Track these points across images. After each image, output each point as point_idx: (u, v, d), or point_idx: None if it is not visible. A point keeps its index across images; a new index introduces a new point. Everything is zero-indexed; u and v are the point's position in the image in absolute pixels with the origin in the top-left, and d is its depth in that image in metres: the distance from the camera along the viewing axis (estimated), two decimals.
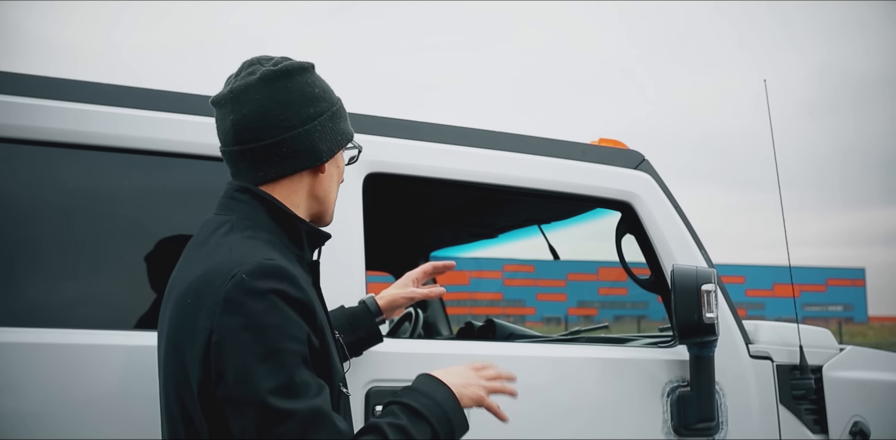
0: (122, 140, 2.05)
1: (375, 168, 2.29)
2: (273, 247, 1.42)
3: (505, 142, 2.49)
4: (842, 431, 2.61)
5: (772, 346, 2.57)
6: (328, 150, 1.51)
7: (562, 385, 2.31)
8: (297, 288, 1.35)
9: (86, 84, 2.07)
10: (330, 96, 1.54)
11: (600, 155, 2.60)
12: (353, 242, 2.22)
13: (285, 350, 1.29)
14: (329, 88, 1.55)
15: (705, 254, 2.59)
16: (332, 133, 1.51)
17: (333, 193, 1.58)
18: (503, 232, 3.69)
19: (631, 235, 2.62)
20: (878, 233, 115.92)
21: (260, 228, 1.45)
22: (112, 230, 2.04)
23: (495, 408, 1.58)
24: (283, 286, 1.32)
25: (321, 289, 1.56)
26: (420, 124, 2.41)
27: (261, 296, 1.30)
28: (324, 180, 1.53)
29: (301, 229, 1.49)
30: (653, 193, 2.59)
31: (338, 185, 1.60)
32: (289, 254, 1.45)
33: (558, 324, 43.17)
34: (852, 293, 64.57)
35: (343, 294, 2.16)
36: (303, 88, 1.48)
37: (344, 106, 1.59)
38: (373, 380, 2.12)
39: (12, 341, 1.82)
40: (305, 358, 1.33)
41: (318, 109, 1.49)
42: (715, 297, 2.29)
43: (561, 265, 50.03)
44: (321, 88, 1.52)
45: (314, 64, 1.55)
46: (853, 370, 2.73)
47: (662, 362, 2.41)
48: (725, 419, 2.42)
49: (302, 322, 1.34)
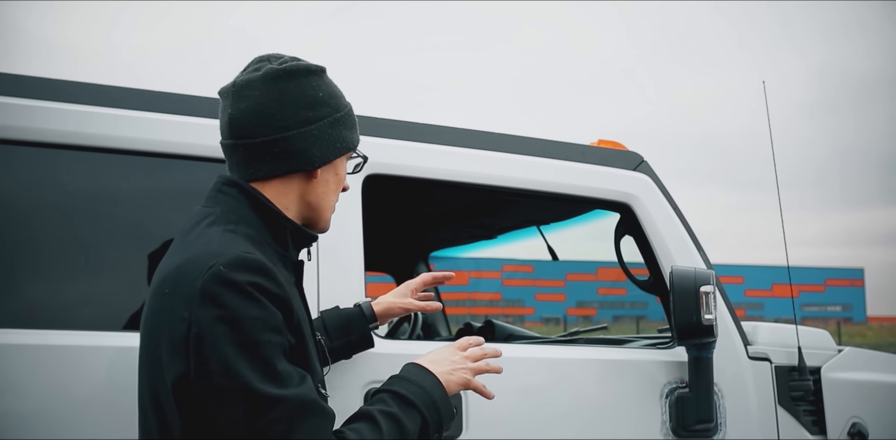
0: (123, 142, 2.05)
1: (375, 169, 2.30)
2: (253, 242, 1.41)
3: (504, 143, 2.50)
4: (840, 432, 2.62)
5: (770, 348, 2.58)
6: (322, 156, 1.49)
7: (561, 386, 2.32)
8: (275, 283, 1.34)
9: (86, 85, 2.08)
10: (336, 102, 1.51)
11: (599, 156, 2.61)
12: (353, 243, 2.22)
13: (265, 341, 1.29)
14: (337, 94, 1.53)
15: (704, 255, 2.60)
16: (330, 139, 1.49)
17: (328, 201, 1.55)
18: (502, 233, 3.70)
19: (630, 237, 2.63)
20: (878, 234, 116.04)
21: (243, 223, 1.44)
22: (112, 232, 2.04)
23: (481, 387, 1.63)
24: (261, 280, 1.32)
25: (303, 289, 1.55)
26: (420, 126, 2.42)
27: (238, 288, 1.29)
28: (317, 186, 1.52)
29: (285, 227, 1.48)
30: (652, 195, 2.59)
31: (336, 193, 1.57)
32: (270, 251, 1.44)
33: (557, 325, 43.17)
34: (851, 293, 64.60)
35: (342, 295, 2.17)
36: (304, 91, 1.47)
37: (353, 114, 1.56)
38: (372, 381, 2.12)
39: (12, 343, 1.82)
40: (285, 349, 1.34)
41: (319, 113, 1.48)
42: (714, 299, 2.30)
43: (560, 265, 50.03)
44: (326, 93, 1.50)
45: (325, 68, 1.53)
46: (851, 371, 2.73)
47: (661, 363, 2.42)
48: (724, 420, 2.43)
49: (280, 315, 1.34)
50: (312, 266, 2.15)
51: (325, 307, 2.12)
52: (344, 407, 2.08)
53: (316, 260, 2.16)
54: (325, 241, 2.19)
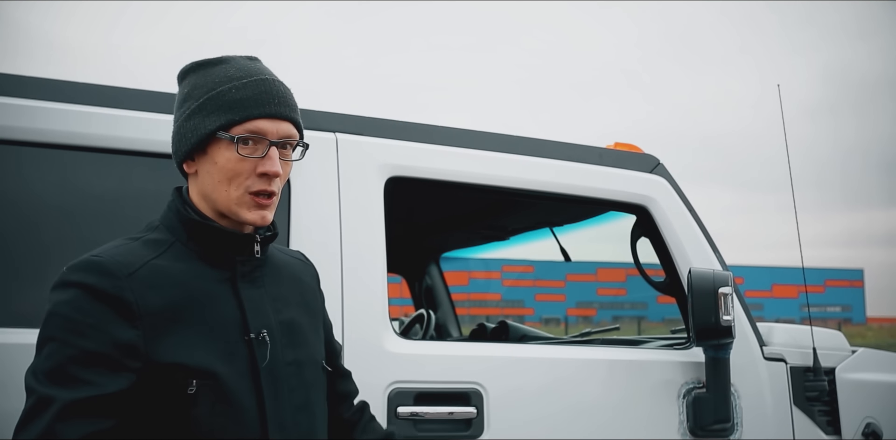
0: (123, 142, 2.07)
1: (396, 172, 2.32)
2: (152, 246, 1.41)
3: (523, 146, 2.52)
4: (854, 433, 2.64)
5: (785, 348, 2.60)
6: (178, 150, 1.46)
7: (580, 386, 2.34)
8: (110, 282, 1.32)
9: (86, 86, 2.09)
10: (198, 92, 1.44)
11: (616, 159, 2.63)
12: (376, 246, 2.24)
13: (60, 340, 1.30)
14: (203, 83, 1.44)
15: (720, 256, 2.62)
16: (185, 131, 1.44)
17: (219, 191, 1.42)
18: (515, 234, 3.72)
19: (646, 238, 2.65)
20: (878, 235, 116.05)
21: (163, 228, 1.46)
22: (112, 231, 2.04)
23: None
24: (92, 280, 1.32)
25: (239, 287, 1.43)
26: (440, 128, 2.44)
27: (63, 287, 1.33)
28: (202, 179, 1.44)
29: (196, 227, 1.43)
30: (668, 197, 2.62)
31: (227, 182, 1.41)
32: (183, 252, 1.42)
33: (557, 325, 43.17)
34: (851, 294, 64.58)
35: (366, 295, 2.19)
36: (180, 91, 1.49)
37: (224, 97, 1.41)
38: (394, 381, 2.15)
39: (13, 342, 1.83)
40: (89, 354, 1.29)
41: (181, 110, 1.46)
42: (731, 300, 2.32)
43: (560, 266, 50.01)
44: (193, 85, 1.46)
45: (204, 61, 1.48)
46: (866, 372, 2.75)
47: (678, 364, 2.44)
48: (740, 420, 2.45)
49: (110, 315, 1.31)
50: (335, 268, 2.17)
51: (349, 309, 2.14)
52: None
53: (339, 261, 2.18)
54: (349, 243, 2.22)
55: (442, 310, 4.24)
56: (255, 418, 1.38)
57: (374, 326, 2.18)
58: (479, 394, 2.21)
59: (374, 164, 2.29)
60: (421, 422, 2.16)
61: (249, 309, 1.43)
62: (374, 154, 2.30)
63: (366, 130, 2.33)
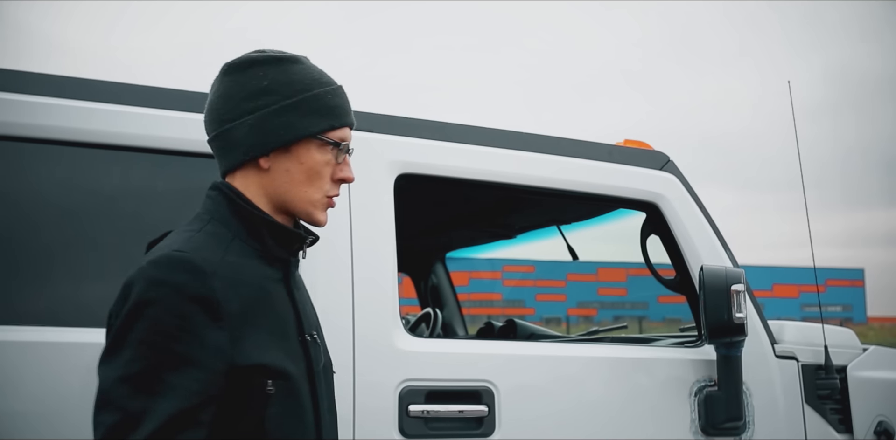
0: (126, 138, 2.05)
1: (406, 169, 2.31)
2: (218, 240, 1.36)
3: (533, 143, 2.51)
4: (866, 431, 2.63)
5: (797, 346, 2.59)
6: (258, 145, 1.39)
7: (591, 384, 2.33)
8: (200, 281, 1.28)
9: (88, 81, 2.08)
10: (285, 89, 1.42)
11: (626, 156, 2.62)
12: (386, 243, 2.23)
13: (149, 343, 1.22)
14: (290, 81, 1.42)
15: (731, 254, 2.61)
16: (272, 127, 1.39)
17: (297, 192, 1.42)
18: (522, 232, 3.71)
19: (656, 236, 2.64)
20: (878, 234, 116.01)
21: (215, 222, 1.40)
22: (114, 228, 2.04)
23: None
24: (182, 278, 1.26)
25: (291, 286, 1.45)
26: (450, 125, 2.43)
27: (150, 285, 1.25)
28: (275, 177, 1.41)
29: (258, 224, 1.40)
30: (678, 194, 2.61)
31: (307, 184, 1.42)
32: (244, 248, 1.38)
33: (558, 325, 43.14)
34: (851, 294, 64.56)
35: (376, 292, 2.18)
36: (248, 81, 1.42)
37: (320, 100, 1.43)
38: (406, 379, 2.14)
39: (13, 340, 1.82)
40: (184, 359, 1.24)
41: (261, 103, 1.40)
42: (744, 298, 2.31)
43: (560, 266, 50.01)
44: (275, 80, 1.42)
45: (288, 57, 1.46)
46: (877, 370, 2.74)
47: (689, 362, 2.43)
48: (752, 418, 2.44)
49: (201, 316, 1.26)
50: (346, 265, 2.16)
51: (360, 307, 2.13)
52: (378, 405, 2.11)
53: (349, 259, 2.17)
54: (359, 240, 2.21)
55: (448, 308, 4.23)
56: (312, 419, 1.39)
57: (385, 324, 2.17)
58: (490, 391, 2.20)
59: (383, 161, 2.28)
60: (432, 420, 2.15)
61: (301, 310, 1.45)
62: (383, 151, 2.29)
63: (375, 127, 2.31)
